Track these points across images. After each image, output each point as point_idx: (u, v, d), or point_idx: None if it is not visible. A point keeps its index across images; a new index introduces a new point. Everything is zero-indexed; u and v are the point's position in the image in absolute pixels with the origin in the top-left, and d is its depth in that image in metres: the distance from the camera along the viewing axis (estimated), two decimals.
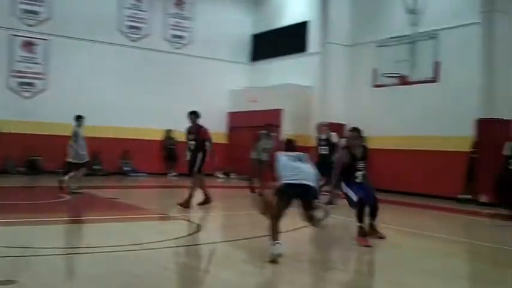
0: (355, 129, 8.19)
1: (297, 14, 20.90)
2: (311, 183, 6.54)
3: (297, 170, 6.62)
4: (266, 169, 13.56)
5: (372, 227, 7.90)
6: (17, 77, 18.02)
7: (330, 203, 12.01)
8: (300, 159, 6.85)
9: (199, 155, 10.92)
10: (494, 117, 13.29)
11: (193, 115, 11.33)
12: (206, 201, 11.09)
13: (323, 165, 11.91)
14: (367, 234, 7.66)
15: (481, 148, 13.63)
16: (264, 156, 13.63)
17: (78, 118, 13.35)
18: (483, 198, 13.03)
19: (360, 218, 7.64)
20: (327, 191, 11.71)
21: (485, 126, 13.31)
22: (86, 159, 13.33)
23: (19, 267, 5.51)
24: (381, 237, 7.89)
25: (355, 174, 7.82)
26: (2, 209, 9.97)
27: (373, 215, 7.85)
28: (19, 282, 4.86)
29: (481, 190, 13.28)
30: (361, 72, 17.01)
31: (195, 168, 10.85)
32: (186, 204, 10.50)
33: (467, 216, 11.13)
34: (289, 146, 7.22)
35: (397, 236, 9.03)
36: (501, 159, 11.16)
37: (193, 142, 11.07)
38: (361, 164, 7.86)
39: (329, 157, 11.96)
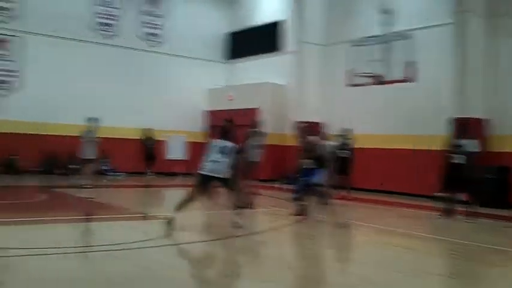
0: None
1: (272, 13, 20.97)
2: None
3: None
4: (255, 167, 13.76)
5: None
6: None
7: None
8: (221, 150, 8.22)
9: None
10: (467, 116, 13.56)
11: (230, 123, 11.15)
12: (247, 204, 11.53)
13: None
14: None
15: None
16: (254, 154, 13.77)
17: (92, 119, 14.70)
18: (460, 197, 13.30)
19: None
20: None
21: (463, 125, 13.54)
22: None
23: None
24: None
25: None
26: None
27: None
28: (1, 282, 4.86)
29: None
30: (336, 72, 17.18)
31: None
32: (246, 205, 11.01)
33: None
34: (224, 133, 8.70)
35: (372, 234, 9.22)
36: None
37: None
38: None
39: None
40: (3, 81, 17.92)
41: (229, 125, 11.32)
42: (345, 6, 17.96)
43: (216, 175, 8.17)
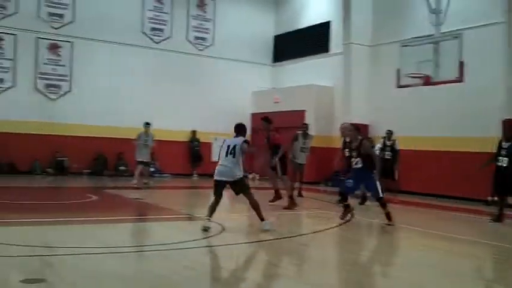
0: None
1: (318, 15, 20.88)
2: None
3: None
4: (303, 169, 13.77)
5: None
6: (44, 79, 18.37)
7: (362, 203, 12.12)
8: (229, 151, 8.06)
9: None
10: None
11: (267, 122, 11.73)
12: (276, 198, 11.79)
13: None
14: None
15: None
16: (302, 156, 13.79)
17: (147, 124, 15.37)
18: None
19: None
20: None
21: (510, 126, 13.10)
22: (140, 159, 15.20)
23: (46, 266, 5.64)
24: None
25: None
26: (30, 209, 10.21)
27: None
28: (47, 281, 4.98)
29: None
30: (384, 73, 16.92)
31: (279, 172, 11.42)
32: (292, 206, 11.27)
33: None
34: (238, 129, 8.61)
35: (422, 238, 9.01)
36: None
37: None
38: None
39: None
40: (54, 85, 18.50)
41: (266, 124, 11.43)
42: (393, 6, 17.69)
43: (225, 179, 8.09)
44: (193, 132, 20.69)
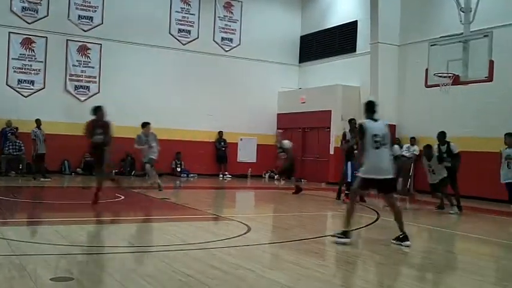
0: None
1: (345, 14, 20.79)
2: None
3: None
4: None
5: None
6: (73, 80, 18.67)
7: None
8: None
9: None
10: None
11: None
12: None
13: None
14: None
15: None
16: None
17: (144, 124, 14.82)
18: None
19: None
20: None
21: None
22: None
23: (75, 264, 5.72)
24: None
25: None
26: (60, 208, 10.38)
27: None
28: (76, 279, 5.05)
29: None
30: (412, 72, 16.75)
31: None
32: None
33: None
34: None
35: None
36: None
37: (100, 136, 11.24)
38: None
39: None
40: (84, 87, 18.80)
41: None
42: (421, 5, 17.51)
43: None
44: (220, 133, 20.79)
